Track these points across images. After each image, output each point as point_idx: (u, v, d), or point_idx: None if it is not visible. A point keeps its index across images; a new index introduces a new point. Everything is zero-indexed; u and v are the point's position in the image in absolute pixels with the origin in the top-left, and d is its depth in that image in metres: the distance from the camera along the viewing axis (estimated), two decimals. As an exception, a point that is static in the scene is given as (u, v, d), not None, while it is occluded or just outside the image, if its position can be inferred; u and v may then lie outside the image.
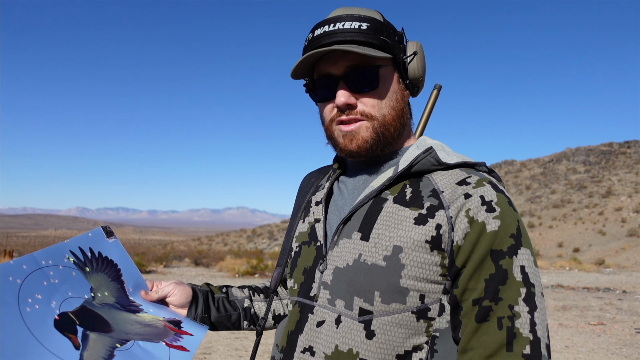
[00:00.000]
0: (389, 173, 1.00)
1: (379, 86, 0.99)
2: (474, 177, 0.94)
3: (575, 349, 6.76)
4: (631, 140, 77.80)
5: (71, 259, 1.08)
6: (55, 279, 1.03)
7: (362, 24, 0.96)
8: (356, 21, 0.97)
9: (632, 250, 35.84)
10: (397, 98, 1.02)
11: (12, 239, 66.56)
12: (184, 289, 1.18)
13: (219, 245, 74.16)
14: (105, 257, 1.15)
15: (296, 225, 1.17)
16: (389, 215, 0.96)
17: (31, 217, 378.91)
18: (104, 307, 1.07)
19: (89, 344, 0.97)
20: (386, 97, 1.00)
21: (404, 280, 0.91)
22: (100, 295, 1.08)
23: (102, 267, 1.13)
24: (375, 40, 0.96)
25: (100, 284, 1.10)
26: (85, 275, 1.09)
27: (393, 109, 1.01)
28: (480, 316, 0.87)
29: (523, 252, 0.89)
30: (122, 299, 1.11)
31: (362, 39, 0.96)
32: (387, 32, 0.99)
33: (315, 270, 1.04)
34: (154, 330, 1.08)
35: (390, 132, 1.01)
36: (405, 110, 1.04)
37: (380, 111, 0.99)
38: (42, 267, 1.03)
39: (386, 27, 1.00)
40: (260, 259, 19.94)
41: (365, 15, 0.99)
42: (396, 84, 1.02)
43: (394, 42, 1.00)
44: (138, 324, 1.08)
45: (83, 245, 1.13)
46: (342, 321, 0.96)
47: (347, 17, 0.97)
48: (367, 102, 0.99)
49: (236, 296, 1.25)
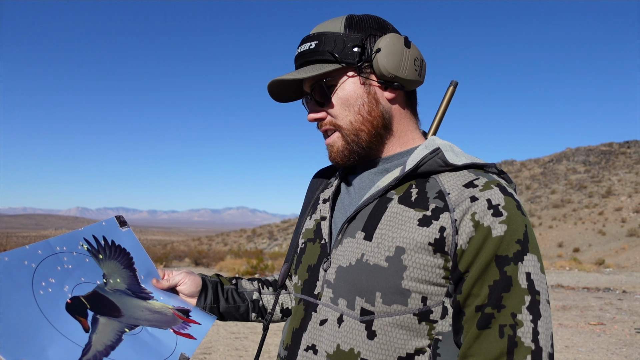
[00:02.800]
0: (395, 173, 1.00)
1: (335, 97, 1.02)
2: (482, 179, 0.93)
3: (575, 349, 6.76)
4: (631, 140, 77.70)
5: (85, 246, 1.10)
6: (69, 264, 1.05)
7: (312, 43, 1.01)
8: (308, 42, 1.02)
9: (632, 250, 35.82)
10: (364, 102, 1.01)
11: (12, 239, 66.53)
12: (194, 279, 1.20)
13: (219, 245, 74.11)
14: (118, 245, 1.17)
15: (304, 221, 1.18)
16: (393, 216, 0.96)
17: (31, 217, 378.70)
18: (115, 293, 1.09)
19: (98, 327, 0.99)
20: (348, 104, 1.01)
21: (405, 281, 0.91)
22: (112, 282, 1.10)
23: (115, 254, 1.15)
24: (322, 56, 1.00)
25: (113, 271, 1.12)
26: (98, 262, 1.11)
27: (359, 114, 1.01)
28: (482, 323, 0.86)
29: (529, 258, 0.87)
30: (134, 286, 1.14)
31: (312, 58, 1.01)
32: (338, 41, 0.99)
33: (319, 268, 1.04)
34: (162, 317, 1.10)
35: (363, 137, 1.02)
36: (384, 111, 1.03)
37: (344, 119, 1.02)
38: (56, 252, 1.05)
39: (337, 37, 1.00)
40: (260, 259, 19.93)
41: (318, 32, 1.02)
42: (360, 88, 1.01)
43: (347, 48, 0.99)
44: (148, 310, 1.10)
45: (97, 233, 1.15)
46: (344, 320, 0.96)
47: (304, 39, 1.04)
48: (332, 113, 1.03)
49: (245, 288, 1.27)
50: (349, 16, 1.03)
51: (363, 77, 1.01)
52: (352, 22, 1.01)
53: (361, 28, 1.01)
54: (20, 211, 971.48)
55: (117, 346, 0.98)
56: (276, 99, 1.08)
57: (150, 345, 1.03)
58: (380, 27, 1.03)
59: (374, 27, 1.02)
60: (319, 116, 1.04)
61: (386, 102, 1.03)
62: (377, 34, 1.02)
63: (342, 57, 0.99)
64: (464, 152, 1.03)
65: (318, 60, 1.01)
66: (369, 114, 1.01)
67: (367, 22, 1.02)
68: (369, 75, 1.02)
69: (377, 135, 1.02)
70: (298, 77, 0.98)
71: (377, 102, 1.02)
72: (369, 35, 1.01)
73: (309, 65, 1.02)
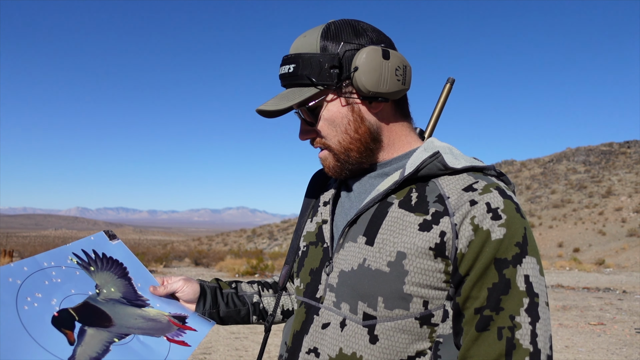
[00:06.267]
0: (395, 176, 1.00)
1: (320, 119, 1.01)
2: (481, 183, 0.93)
3: (575, 349, 6.76)
4: (631, 140, 77.69)
5: (74, 260, 1.09)
6: (58, 278, 1.04)
7: (290, 67, 1.00)
8: (286, 64, 1.01)
9: (632, 250, 35.84)
10: (349, 121, 1.00)
11: (12, 239, 66.52)
12: (191, 286, 1.20)
13: (219, 245, 74.14)
14: (109, 257, 1.16)
15: (304, 223, 1.18)
16: (394, 221, 0.96)
17: (31, 217, 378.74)
18: (109, 302, 1.07)
19: (84, 339, 0.97)
20: (334, 124, 1.00)
21: (407, 286, 0.91)
22: (106, 292, 1.09)
23: (107, 266, 1.14)
24: (301, 80, 0.99)
25: (107, 282, 1.11)
26: (90, 274, 1.09)
27: (346, 133, 1.00)
28: (480, 325, 0.87)
29: (528, 260, 0.88)
30: (130, 294, 1.12)
31: (292, 82, 1.00)
32: (314, 64, 0.97)
33: (322, 271, 1.04)
34: (156, 324, 1.09)
35: (353, 155, 1.01)
36: (370, 126, 1.01)
37: (332, 139, 1.02)
38: (44, 268, 1.03)
39: (314, 60, 0.97)
40: (260, 259, 19.94)
41: (295, 53, 1.00)
42: (343, 108, 1.00)
43: (324, 70, 0.97)
44: (142, 318, 1.09)
45: (86, 247, 1.13)
46: (347, 325, 0.96)
47: (283, 60, 1.02)
48: (321, 133, 1.03)
49: (245, 291, 1.27)
50: (324, 29, 0.99)
51: (345, 98, 1.00)
52: (328, 36, 0.98)
53: (337, 43, 0.98)
54: (20, 211, 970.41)
55: (103, 357, 0.96)
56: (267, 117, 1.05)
57: (140, 354, 1.01)
58: (357, 37, 0.99)
59: (351, 37, 0.98)
60: (309, 137, 1.05)
61: (371, 117, 1.01)
62: (355, 47, 0.98)
63: (319, 79, 0.97)
64: (463, 154, 1.03)
65: (298, 84, 1.00)
66: (356, 132, 1.00)
67: (344, 34, 0.99)
68: (350, 94, 1.00)
69: (367, 150, 1.02)
70: (279, 107, 0.98)
71: (363, 118, 1.00)
72: (346, 51, 0.97)
73: (289, 88, 1.02)
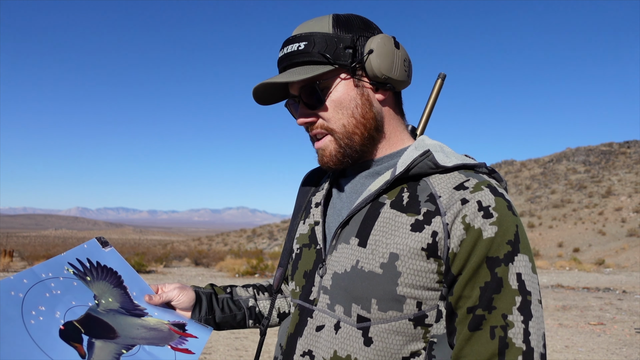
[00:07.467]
0: (386, 176, 0.99)
1: (328, 99, 0.99)
2: (472, 181, 0.92)
3: (575, 349, 6.76)
4: (631, 140, 77.73)
5: (71, 270, 1.09)
6: (58, 290, 1.03)
7: (301, 44, 0.97)
8: (296, 42, 0.98)
9: (632, 250, 35.83)
10: (357, 104, 0.99)
11: (12, 239, 66.47)
12: (187, 293, 1.18)
13: (219, 245, 74.14)
14: (104, 265, 1.15)
15: (297, 225, 1.17)
16: (386, 221, 0.95)
17: (31, 217, 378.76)
18: (109, 313, 1.06)
19: (94, 351, 0.96)
20: (342, 106, 0.99)
21: (400, 288, 0.91)
22: (105, 302, 1.08)
23: (102, 275, 1.14)
24: (313, 57, 0.97)
25: (103, 291, 1.10)
26: (86, 284, 1.09)
27: (352, 116, 0.99)
28: (473, 325, 0.86)
29: (520, 258, 0.87)
30: (127, 304, 1.12)
31: (301, 60, 0.97)
32: (330, 42, 0.96)
33: (315, 274, 1.04)
34: (159, 334, 1.09)
35: (357, 140, 1.00)
36: (376, 113, 1.01)
37: (337, 122, 0.99)
38: (42, 279, 1.03)
39: (328, 38, 0.97)
40: (260, 259, 19.93)
41: (306, 32, 0.98)
42: (353, 90, 0.99)
43: (339, 49, 0.97)
44: (143, 328, 1.08)
45: (80, 256, 1.13)
46: (341, 327, 0.96)
47: (290, 40, 1.00)
48: (324, 116, 1.00)
49: (240, 296, 1.26)
50: (335, 15, 1.00)
51: (356, 79, 0.99)
52: (339, 21, 0.99)
53: (350, 28, 0.98)
54: (20, 211, 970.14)
55: None
56: (260, 102, 1.05)
57: None
58: (367, 27, 1.00)
59: (362, 27, 1.00)
60: (310, 120, 1.01)
61: (378, 104, 1.01)
62: (366, 35, 0.99)
63: (334, 58, 0.96)
64: (454, 152, 1.02)
65: (308, 62, 0.98)
66: (363, 116, 0.99)
67: (355, 22, 1.00)
68: (361, 77, 0.99)
69: (370, 138, 1.01)
70: (292, 79, 0.94)
71: (370, 104, 1.00)
72: (359, 35, 0.98)
73: (297, 67, 0.98)
